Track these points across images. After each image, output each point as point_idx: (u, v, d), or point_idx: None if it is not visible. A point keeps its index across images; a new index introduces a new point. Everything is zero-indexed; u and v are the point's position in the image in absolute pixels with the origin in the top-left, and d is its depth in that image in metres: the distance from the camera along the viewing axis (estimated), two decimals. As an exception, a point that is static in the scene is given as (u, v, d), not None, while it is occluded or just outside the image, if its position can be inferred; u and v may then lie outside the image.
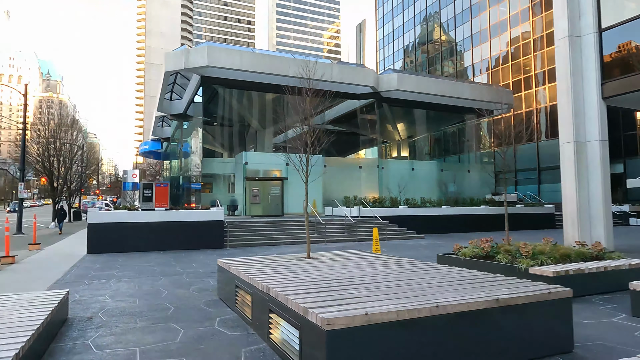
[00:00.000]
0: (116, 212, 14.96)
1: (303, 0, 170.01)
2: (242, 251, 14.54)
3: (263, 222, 18.35)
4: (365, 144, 36.17)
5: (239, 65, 20.79)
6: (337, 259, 7.02)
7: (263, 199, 22.88)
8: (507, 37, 45.50)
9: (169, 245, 14.81)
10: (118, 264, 11.28)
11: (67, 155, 35.53)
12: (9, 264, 11.71)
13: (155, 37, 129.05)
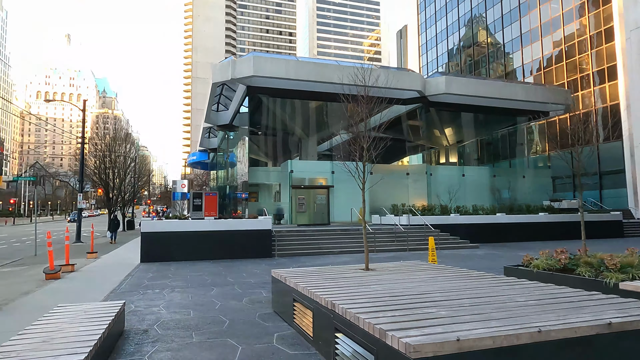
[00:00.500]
0: (167, 222, 15.20)
1: (343, 10, 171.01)
2: (290, 261, 14.28)
3: (310, 231, 18.06)
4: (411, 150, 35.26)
5: (284, 73, 20.81)
6: (399, 271, 6.52)
7: (309, 207, 22.66)
8: (560, 35, 43.10)
9: (218, 254, 14.82)
10: (170, 273, 11.33)
11: (121, 167, 37.19)
12: (69, 272, 12.09)
13: (201, 52, 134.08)
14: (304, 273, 6.38)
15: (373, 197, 24.35)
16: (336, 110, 26.73)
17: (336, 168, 23.78)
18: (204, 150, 42.90)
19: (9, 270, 13.88)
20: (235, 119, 28.70)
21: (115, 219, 26.32)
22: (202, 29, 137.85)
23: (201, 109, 47.52)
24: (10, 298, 8.56)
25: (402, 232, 17.92)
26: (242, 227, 15.35)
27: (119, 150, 38.36)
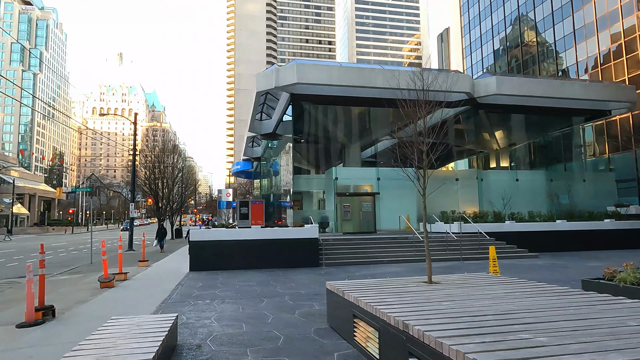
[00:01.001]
0: (215, 230, 15.23)
1: (382, 16, 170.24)
2: (338, 270, 13.84)
3: (357, 240, 17.55)
4: (457, 155, 33.98)
5: (328, 79, 20.57)
6: (466, 284, 5.91)
7: (354, 215, 22.15)
8: (618, 28, 40.30)
9: (265, 263, 14.64)
10: (219, 283, 11.21)
11: (170, 177, 38.38)
12: (122, 280, 12.28)
13: (243, 64, 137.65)
14: (362, 286, 5.92)
15: (420, 204, 23.51)
16: (380, 116, 26.20)
17: (382, 174, 23.20)
18: (248, 160, 43.50)
19: (67, 277, 14.36)
20: (279, 128, 28.77)
21: (162, 227, 26.35)
22: (244, 42, 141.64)
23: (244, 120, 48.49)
24: (67, 306, 8.68)
25: (454, 241, 17.02)
26: (289, 236, 15.11)
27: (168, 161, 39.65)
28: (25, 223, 74.54)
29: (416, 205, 23.30)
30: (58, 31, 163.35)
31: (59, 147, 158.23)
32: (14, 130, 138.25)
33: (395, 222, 22.52)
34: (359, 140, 26.97)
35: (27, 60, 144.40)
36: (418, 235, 16.80)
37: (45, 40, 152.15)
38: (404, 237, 17.76)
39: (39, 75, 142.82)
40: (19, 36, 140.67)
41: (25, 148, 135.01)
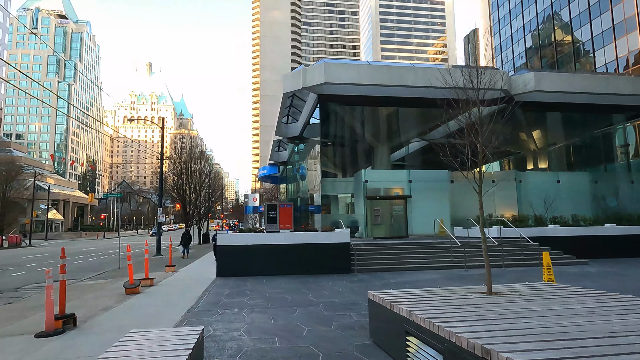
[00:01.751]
0: (242, 235, 14.72)
1: (407, 19, 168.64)
2: (371, 277, 13.05)
3: (389, 245, 16.69)
4: (492, 155, 32.52)
5: (357, 79, 19.88)
6: (534, 296, 5.06)
7: (385, 219, 21.29)
8: (662, 22, 37.98)
9: (294, 269, 14.00)
10: (247, 289, 10.63)
11: (197, 182, 38.49)
12: (148, 286, 11.88)
13: (268, 70, 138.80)
14: (410, 296, 5.16)
15: (454, 207, 22.42)
16: (410, 116, 25.28)
17: (414, 176, 22.28)
18: (274, 164, 43.20)
19: (94, 283, 14.13)
20: (305, 131, 28.26)
21: (187, 233, 25.17)
22: (269, 48, 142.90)
23: (269, 125, 48.35)
24: (90, 314, 8.27)
25: (494, 246, 15.91)
26: (318, 241, 14.42)
27: (195, 167, 39.81)
28: (60, 228, 76.79)
29: (449, 209, 22.23)
30: (91, 43, 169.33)
31: (92, 154, 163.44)
32: (50, 138, 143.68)
33: (428, 227, 21.53)
34: (388, 142, 26.09)
35: (62, 72, 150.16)
36: (456, 240, 15.78)
37: (79, 52, 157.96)
38: (439, 242, 16.77)
39: (73, 86, 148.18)
40: (55, 49, 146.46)
41: (60, 155, 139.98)
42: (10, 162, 53.92)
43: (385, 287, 10.84)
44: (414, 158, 29.48)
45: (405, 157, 31.14)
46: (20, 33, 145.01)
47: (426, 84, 20.44)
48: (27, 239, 48.82)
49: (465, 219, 21.20)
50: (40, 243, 50.71)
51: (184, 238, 24.26)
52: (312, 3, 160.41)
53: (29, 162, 74.52)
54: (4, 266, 20.63)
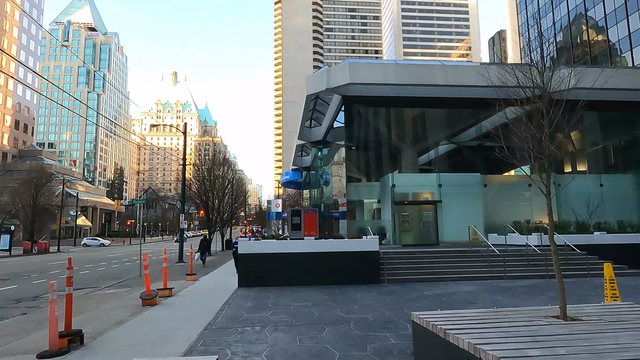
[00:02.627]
0: (264, 242, 14.01)
1: (429, 22, 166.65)
2: (403, 288, 12.08)
3: (420, 253, 15.65)
4: (523, 159, 30.91)
5: (383, 79, 19.00)
6: (622, 322, 4.06)
7: (414, 225, 20.23)
8: None
9: (319, 279, 13.16)
10: (270, 302, 9.86)
11: (220, 188, 38.20)
12: (166, 297, 11.27)
13: (290, 76, 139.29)
14: (465, 320, 4.24)
15: (488, 212, 21.15)
16: (438, 117, 24.20)
17: (444, 180, 21.15)
18: (297, 169, 42.61)
19: (113, 292, 13.67)
20: (329, 135, 27.52)
21: (205, 239, 23.86)
22: (291, 55, 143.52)
23: (292, 131, 48.01)
24: (102, 329, 7.65)
25: (536, 255, 14.67)
26: (345, 249, 13.54)
27: (218, 172, 39.55)
28: (88, 234, 78.34)
29: (482, 214, 20.95)
30: (119, 54, 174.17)
31: (119, 162, 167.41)
32: (80, 147, 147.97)
33: (460, 233, 20.36)
34: (415, 144, 25.04)
35: (92, 82, 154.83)
36: (494, 248, 14.61)
37: (108, 63, 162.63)
38: (474, 250, 15.63)
39: (102, 96, 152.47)
40: (85, 60, 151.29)
41: (90, 163, 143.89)
42: (40, 170, 55.22)
43: (420, 301, 9.87)
44: (443, 161, 28.26)
45: (432, 161, 29.94)
46: (52, 46, 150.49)
47: (456, 82, 19.40)
48: (56, 245, 49.73)
49: (501, 225, 19.92)
50: (69, 249, 51.57)
51: (202, 245, 23.10)
52: (333, 9, 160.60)
53: (59, 170, 76.52)
54: (28, 273, 20.57)
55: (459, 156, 27.44)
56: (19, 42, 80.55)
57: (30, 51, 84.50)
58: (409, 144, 24.77)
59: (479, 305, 9.06)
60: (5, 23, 76.71)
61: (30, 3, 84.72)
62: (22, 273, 20.49)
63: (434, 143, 26.53)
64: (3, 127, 75.73)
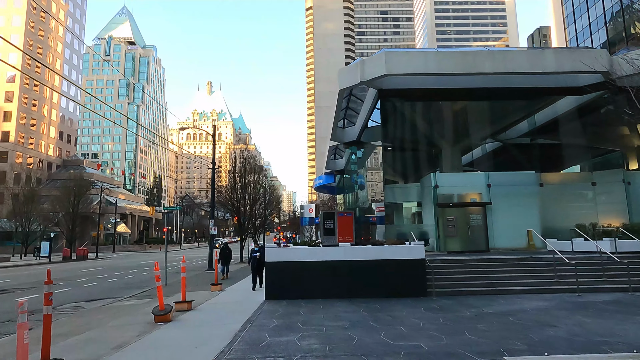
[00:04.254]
0: (294, 249, 12.55)
1: (465, 22, 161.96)
2: (456, 303, 10.26)
3: (471, 261, 13.71)
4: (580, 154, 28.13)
5: (423, 68, 17.24)
6: None
7: (461, 230, 18.22)
8: None
9: (356, 291, 11.54)
10: (299, 321, 8.34)
11: (251, 193, 37.27)
12: (184, 311, 10.00)
13: (322, 82, 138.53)
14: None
15: (545, 215, 18.78)
16: (485, 110, 22.06)
17: (494, 180, 19.00)
18: (330, 173, 41.13)
19: (132, 303, 12.59)
20: (363, 134, 25.92)
21: (226, 248, 20.42)
22: (323, 60, 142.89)
23: (325, 137, 46.87)
24: (96, 355, 6.37)
25: (614, 263, 12.41)
26: (385, 256, 11.86)
27: (249, 177, 38.67)
28: (127, 241, 79.99)
29: (538, 217, 18.60)
30: (157, 66, 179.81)
31: (158, 170, 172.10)
32: (121, 157, 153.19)
33: (513, 239, 18.17)
34: (458, 142, 22.97)
35: (131, 94, 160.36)
36: (562, 255, 12.47)
37: (146, 75, 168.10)
38: (537, 257, 13.51)
39: (141, 107, 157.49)
40: (125, 73, 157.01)
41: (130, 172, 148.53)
42: (79, 179, 56.55)
43: (482, 321, 8.06)
44: (488, 160, 25.96)
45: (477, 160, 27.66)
46: (95, 60, 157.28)
47: (506, 70, 17.35)
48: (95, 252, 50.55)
49: (561, 229, 17.60)
50: (107, 256, 52.30)
51: (223, 254, 19.68)
52: (365, 12, 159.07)
53: (100, 179, 78.68)
54: (55, 281, 20.04)
55: (506, 154, 25.08)
56: (63, 57, 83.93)
57: (73, 65, 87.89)
58: (451, 142, 22.74)
59: (562, 330, 7.18)
60: (50, 39, 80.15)
61: (72, 19, 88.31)
62: (50, 281, 20.02)
63: (478, 140, 24.33)
64: (49, 138, 78.84)
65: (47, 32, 79.19)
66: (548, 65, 17.50)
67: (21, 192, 55.14)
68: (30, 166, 70.59)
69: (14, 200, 54.05)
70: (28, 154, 72.29)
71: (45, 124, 77.79)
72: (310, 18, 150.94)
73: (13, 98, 71.23)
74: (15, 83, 71.87)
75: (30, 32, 74.20)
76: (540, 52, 19.23)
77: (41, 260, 40.84)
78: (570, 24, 60.97)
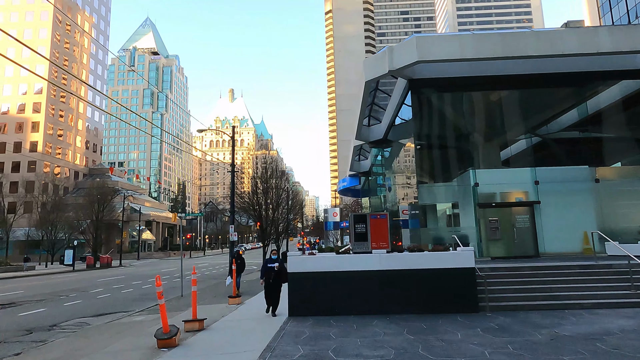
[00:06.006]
0: (321, 257, 10.97)
1: (488, 19, 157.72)
2: (515, 321, 8.50)
3: (525, 269, 11.81)
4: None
5: (459, 52, 15.45)
6: None
7: (506, 232, 16.26)
8: None
9: (394, 306, 9.89)
10: (331, 347, 6.77)
11: (273, 197, 36.02)
12: (195, 331, 8.57)
13: (343, 85, 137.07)
14: None
15: (601, 215, 16.60)
16: (527, 99, 20.03)
17: (542, 176, 16.97)
18: (355, 175, 39.43)
19: (141, 319, 11.26)
20: (390, 132, 24.24)
21: (238, 257, 17.02)
22: (344, 63, 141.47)
23: (347, 140, 45.56)
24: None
25: None
26: (429, 265, 10.14)
27: (271, 182, 37.46)
28: (152, 248, 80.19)
29: (594, 217, 16.44)
30: (180, 75, 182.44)
31: (182, 177, 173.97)
32: (147, 165, 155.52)
33: (568, 242, 16.09)
34: (496, 136, 20.99)
35: (155, 103, 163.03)
36: (638, 260, 10.46)
37: (170, 84, 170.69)
38: (606, 264, 11.51)
39: (165, 115, 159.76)
40: (149, 82, 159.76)
41: (155, 179, 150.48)
42: (102, 187, 56.72)
43: (564, 350, 6.30)
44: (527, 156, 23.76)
45: (513, 157, 25.46)
46: (120, 71, 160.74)
47: (555, 52, 15.39)
48: (119, 259, 50.33)
49: (625, 230, 15.47)
50: (131, 263, 51.98)
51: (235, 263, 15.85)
52: (385, 13, 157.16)
53: (125, 186, 79.25)
54: (68, 292, 19.10)
55: (548, 149, 22.85)
56: (89, 68, 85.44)
57: (98, 75, 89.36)
58: (487, 136, 20.77)
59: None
60: (76, 51, 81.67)
61: (97, 30, 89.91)
62: (61, 292, 19.07)
63: (518, 134, 22.21)
64: (75, 147, 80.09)
65: (72, 44, 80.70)
66: (602, 45, 15.44)
67: (48, 201, 55.75)
68: (57, 175, 71.61)
69: (42, 209, 54.62)
70: (56, 164, 73.45)
71: (71, 134, 79.07)
72: (329, 21, 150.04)
73: (40, 109, 72.61)
74: (42, 94, 73.30)
75: (56, 44, 75.68)
76: (593, 31, 17.12)
77: (64, 268, 40.63)
78: (606, 13, 57.54)
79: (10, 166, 70.01)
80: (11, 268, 37.33)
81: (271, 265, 10.33)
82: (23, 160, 69.88)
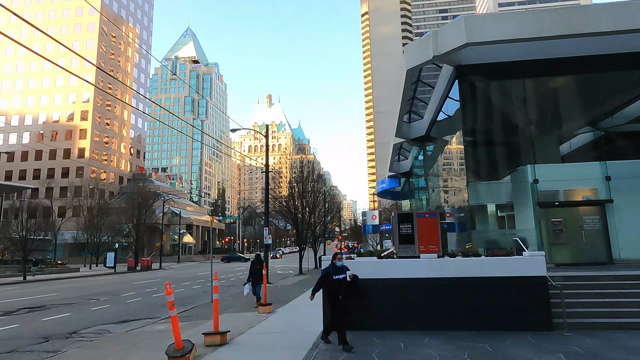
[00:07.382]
0: (359, 262, 9.61)
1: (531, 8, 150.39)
2: (605, 344, 6.81)
3: (603, 278, 9.91)
4: None
5: (516, 32, 13.66)
6: None
7: (572, 235, 14.22)
8: None
9: (449, 321, 8.37)
10: (374, 375, 5.40)
11: (310, 200, 34.98)
12: (216, 346, 7.45)
13: (380, 87, 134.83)
14: None
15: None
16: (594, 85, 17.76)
17: (614, 171, 14.79)
18: (394, 176, 37.69)
19: (164, 328, 10.30)
20: (433, 129, 22.54)
21: (257, 262, 14.19)
22: (380, 65, 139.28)
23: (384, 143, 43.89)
24: None
25: None
26: (487, 272, 8.55)
27: (307, 184, 36.43)
28: (192, 251, 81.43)
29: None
30: (219, 82, 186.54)
31: (222, 182, 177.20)
32: (188, 170, 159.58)
33: (649, 247, 13.83)
34: (556, 128, 18.82)
35: (196, 110, 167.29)
36: None
37: (209, 91, 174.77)
38: None
39: (205, 122, 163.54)
40: (190, 90, 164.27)
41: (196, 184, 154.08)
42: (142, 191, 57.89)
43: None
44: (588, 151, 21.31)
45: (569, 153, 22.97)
46: (163, 80, 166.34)
47: (633, 26, 13.29)
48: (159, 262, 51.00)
49: None
50: (170, 266, 52.54)
51: (253, 271, 13.78)
52: (423, 12, 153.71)
53: (166, 190, 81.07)
54: (99, 295, 18.70)
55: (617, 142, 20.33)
56: (133, 77, 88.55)
57: (142, 84, 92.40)
58: (547, 127, 18.65)
59: None
60: (121, 61, 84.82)
61: (140, 40, 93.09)
62: (93, 295, 18.71)
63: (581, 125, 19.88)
64: (120, 153, 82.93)
65: (117, 54, 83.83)
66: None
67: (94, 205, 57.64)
68: (103, 180, 74.20)
69: (88, 213, 56.46)
70: (102, 169, 76.21)
71: (117, 141, 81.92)
72: (366, 23, 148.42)
73: (88, 117, 75.65)
74: (90, 103, 76.39)
75: (102, 54, 78.76)
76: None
77: (106, 270, 41.39)
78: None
79: (61, 172, 73.30)
80: (55, 270, 38.41)
81: (339, 276, 7.47)
82: (72, 166, 72.97)
